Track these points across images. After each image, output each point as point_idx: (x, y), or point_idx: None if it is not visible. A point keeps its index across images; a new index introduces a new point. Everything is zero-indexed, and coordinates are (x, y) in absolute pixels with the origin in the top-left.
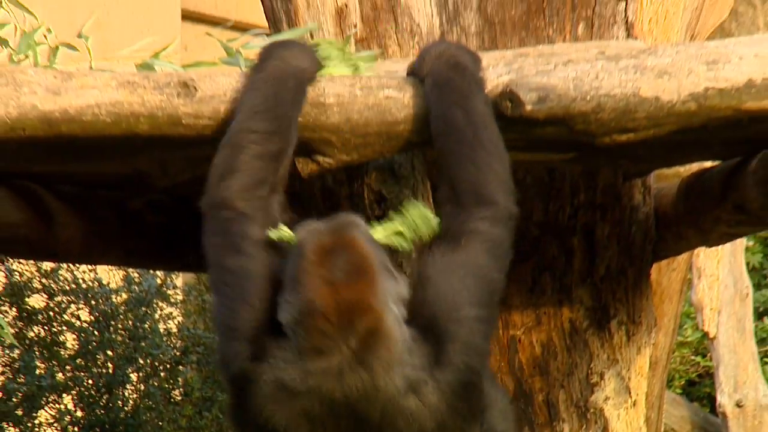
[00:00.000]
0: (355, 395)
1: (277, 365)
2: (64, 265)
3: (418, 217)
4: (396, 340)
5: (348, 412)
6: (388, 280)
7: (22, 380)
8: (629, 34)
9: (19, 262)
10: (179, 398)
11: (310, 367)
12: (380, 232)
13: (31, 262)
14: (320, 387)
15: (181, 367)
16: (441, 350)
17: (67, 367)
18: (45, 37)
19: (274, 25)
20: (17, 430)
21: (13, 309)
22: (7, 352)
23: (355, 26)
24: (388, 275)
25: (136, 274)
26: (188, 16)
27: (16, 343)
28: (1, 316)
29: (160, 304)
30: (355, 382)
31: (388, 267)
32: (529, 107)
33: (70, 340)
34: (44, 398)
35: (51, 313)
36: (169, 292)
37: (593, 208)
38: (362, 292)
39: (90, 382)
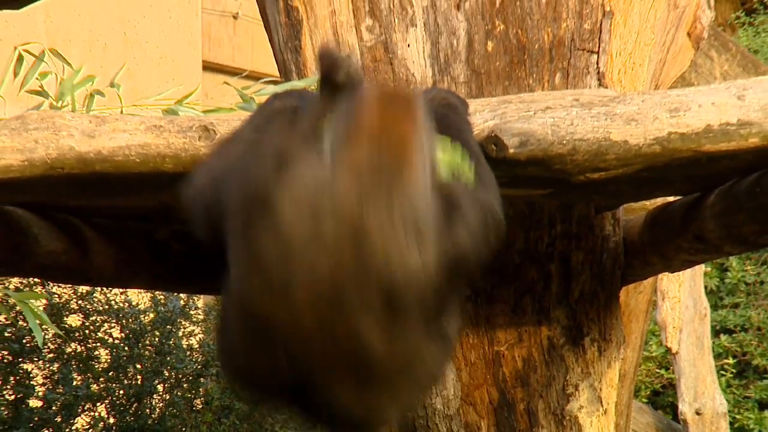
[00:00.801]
0: (365, 224)
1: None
2: (98, 288)
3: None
4: (420, 187)
5: (351, 235)
6: (430, 140)
7: (61, 391)
8: (600, 83)
9: (59, 286)
10: (200, 407)
11: (331, 176)
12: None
13: (69, 285)
14: (335, 199)
15: (202, 379)
16: (451, 225)
17: (101, 379)
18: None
19: (285, 75)
20: None
21: (54, 327)
22: (48, 365)
23: None
24: (431, 139)
25: (162, 296)
26: (208, 67)
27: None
28: (36, 321)
29: (184, 322)
30: (371, 208)
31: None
32: (511, 150)
33: (103, 354)
34: (80, 407)
35: (86, 331)
36: (192, 312)
37: (569, 238)
38: (407, 132)
39: (121, 392)
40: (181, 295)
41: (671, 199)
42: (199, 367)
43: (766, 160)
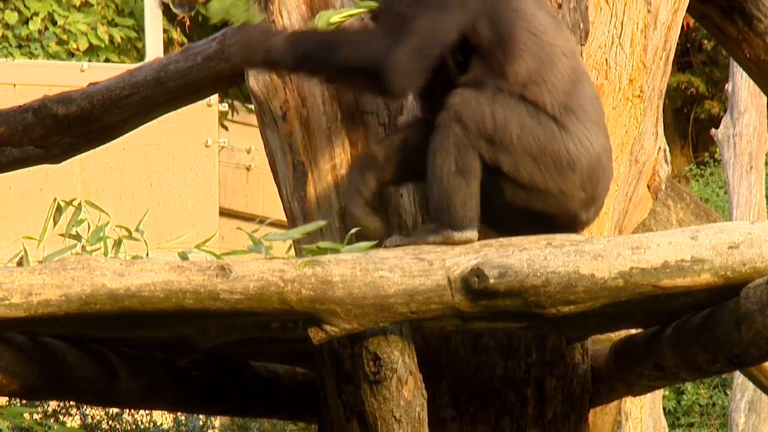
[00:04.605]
0: None
1: None
2: (127, 410)
3: None
4: None
5: None
6: None
7: None
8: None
9: (91, 408)
10: None
11: None
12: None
13: (100, 407)
14: None
15: None
16: None
17: None
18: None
19: (292, 221)
20: None
21: None
22: None
23: None
24: None
25: (183, 417)
26: (224, 213)
27: None
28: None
29: None
30: None
31: None
32: (492, 281)
33: None
34: None
35: None
36: (210, 431)
37: (543, 366)
38: None
39: None
40: (200, 416)
41: (633, 331)
42: None
43: (716, 297)
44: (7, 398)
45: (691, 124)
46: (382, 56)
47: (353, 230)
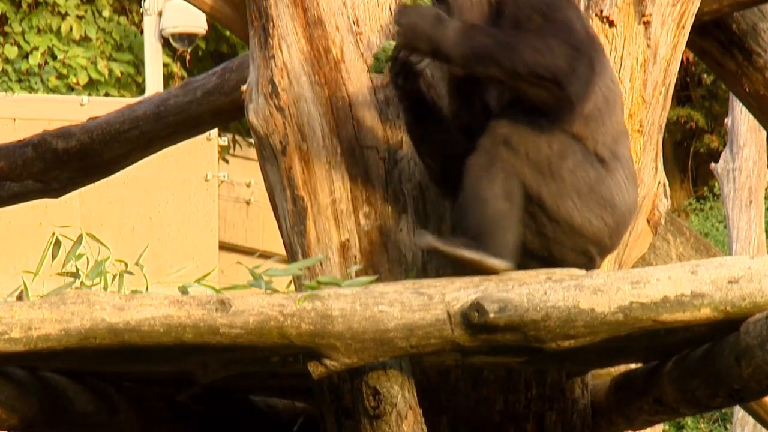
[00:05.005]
0: None
1: None
2: None
3: None
4: None
5: None
6: None
7: None
8: None
9: None
10: None
11: None
12: None
13: None
14: None
15: None
16: None
17: None
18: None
19: (292, 256)
20: None
21: None
22: None
23: (355, 257)
24: None
25: None
26: (224, 246)
27: None
28: None
29: None
30: None
31: None
32: (491, 315)
33: None
34: None
35: None
36: None
37: (543, 400)
38: None
39: None
40: None
41: (633, 366)
42: None
43: (716, 332)
44: None
45: (691, 158)
46: (566, 67)
47: (354, 267)
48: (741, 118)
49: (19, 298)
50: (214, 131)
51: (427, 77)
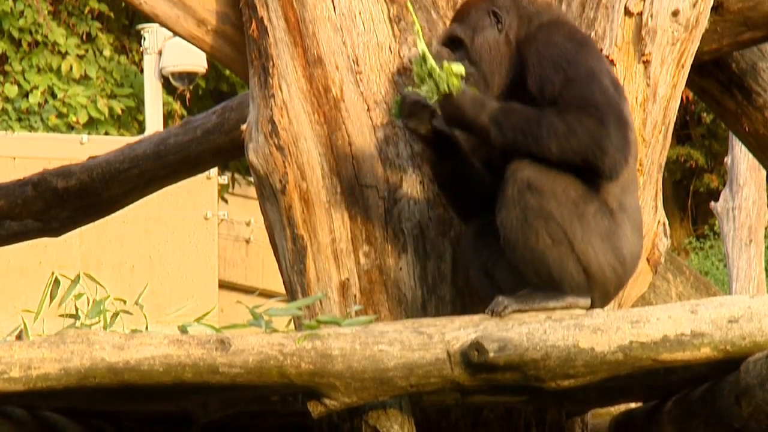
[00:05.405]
0: None
1: None
2: None
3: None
4: None
5: None
6: None
7: None
8: None
9: None
10: None
11: None
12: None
13: None
14: None
15: None
16: None
17: None
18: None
19: (291, 294)
20: None
21: None
22: None
23: (355, 297)
24: None
25: None
26: (224, 285)
27: None
28: None
29: None
30: None
31: None
32: (491, 354)
33: None
34: None
35: None
36: None
37: None
38: None
39: None
40: None
41: (633, 405)
42: None
43: (716, 371)
44: None
45: (691, 197)
46: (595, 147)
47: (354, 307)
48: (741, 157)
49: (19, 337)
50: (214, 170)
51: None
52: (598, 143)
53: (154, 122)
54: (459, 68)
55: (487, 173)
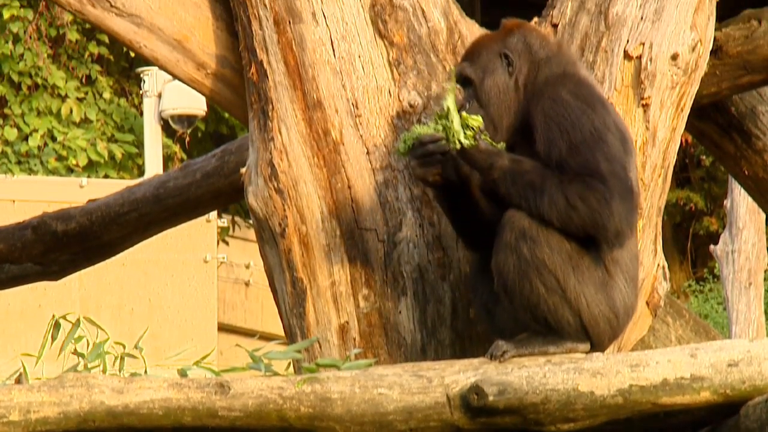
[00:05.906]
0: None
1: None
2: None
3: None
4: None
5: None
6: None
7: None
8: None
9: None
10: None
11: None
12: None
13: None
14: None
15: None
16: None
17: None
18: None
19: (291, 338)
20: None
21: None
22: None
23: (355, 340)
24: None
25: None
26: (223, 328)
27: None
28: None
29: None
30: None
31: None
32: (491, 398)
33: None
34: None
35: None
36: None
37: None
38: None
39: None
40: None
41: None
42: None
43: (716, 415)
44: None
45: (690, 240)
46: (597, 224)
47: (354, 351)
48: (740, 200)
49: (18, 380)
50: (214, 213)
51: None
52: (599, 220)
53: (153, 165)
54: (476, 121)
55: (493, 205)
